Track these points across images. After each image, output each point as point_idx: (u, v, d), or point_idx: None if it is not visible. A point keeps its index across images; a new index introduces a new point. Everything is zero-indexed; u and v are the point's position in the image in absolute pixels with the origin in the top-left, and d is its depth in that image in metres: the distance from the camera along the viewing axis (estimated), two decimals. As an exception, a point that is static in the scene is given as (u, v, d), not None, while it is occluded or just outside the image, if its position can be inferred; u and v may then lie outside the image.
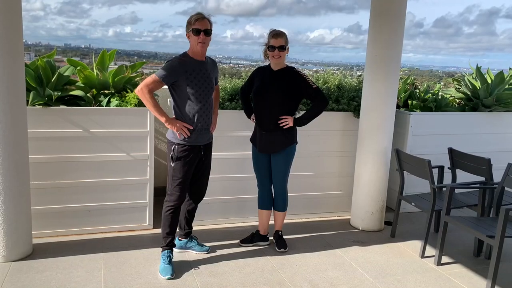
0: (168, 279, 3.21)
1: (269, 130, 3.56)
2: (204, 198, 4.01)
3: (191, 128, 3.22)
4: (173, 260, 3.36)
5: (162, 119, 3.20)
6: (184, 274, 3.31)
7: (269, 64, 3.60)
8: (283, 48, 3.45)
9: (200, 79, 3.18)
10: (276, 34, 3.47)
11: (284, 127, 3.53)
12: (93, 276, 3.19)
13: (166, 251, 3.35)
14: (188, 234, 3.66)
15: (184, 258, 3.56)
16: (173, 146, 3.24)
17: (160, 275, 3.25)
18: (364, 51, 4.20)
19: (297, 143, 3.67)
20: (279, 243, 3.80)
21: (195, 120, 3.22)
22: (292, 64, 3.71)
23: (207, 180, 3.52)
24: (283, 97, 3.50)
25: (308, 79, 3.52)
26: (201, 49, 3.17)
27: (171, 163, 3.27)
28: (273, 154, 3.62)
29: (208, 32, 3.17)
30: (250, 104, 3.74)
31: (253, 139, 3.73)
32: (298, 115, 3.66)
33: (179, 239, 3.65)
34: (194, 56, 3.21)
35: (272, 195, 3.78)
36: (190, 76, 3.14)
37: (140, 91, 3.13)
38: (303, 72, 3.58)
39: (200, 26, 3.13)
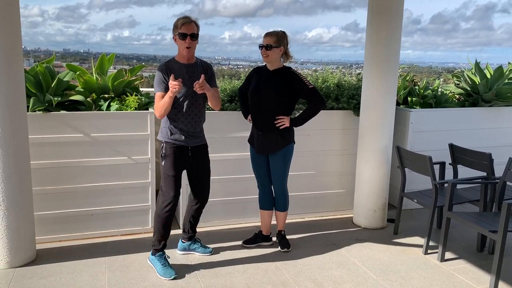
0: (173, 278, 3.21)
1: (265, 130, 3.56)
2: (206, 200, 4.02)
3: (178, 81, 3.03)
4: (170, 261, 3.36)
5: (170, 95, 3.04)
6: (188, 275, 3.31)
7: (266, 64, 3.60)
8: (269, 47, 3.44)
9: (186, 82, 3.15)
10: (266, 33, 3.49)
11: (281, 128, 3.53)
12: (98, 280, 3.20)
13: (161, 252, 3.33)
14: (192, 237, 3.67)
15: (187, 260, 3.56)
16: (162, 144, 3.27)
17: (162, 277, 3.24)
18: (363, 49, 4.21)
19: (294, 142, 3.67)
20: (282, 243, 3.81)
21: (180, 122, 3.22)
22: (291, 63, 3.71)
23: (207, 180, 3.50)
24: (278, 97, 3.49)
25: (304, 79, 3.52)
26: (187, 54, 3.17)
27: (162, 162, 3.27)
28: (270, 154, 3.62)
29: (194, 36, 3.15)
30: (248, 105, 3.74)
31: (250, 140, 3.73)
32: (297, 114, 3.66)
33: (182, 242, 3.66)
34: (181, 59, 3.22)
35: (273, 195, 3.78)
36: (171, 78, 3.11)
37: (155, 113, 3.19)
38: (299, 72, 3.57)
39: (186, 31, 3.11)
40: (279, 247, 3.80)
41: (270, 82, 3.51)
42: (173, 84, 3.01)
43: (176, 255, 3.62)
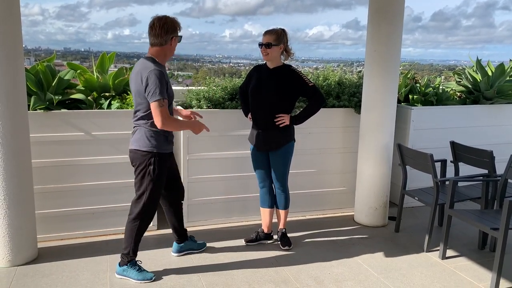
0: (154, 280, 3.17)
1: (265, 128, 3.55)
2: (207, 198, 4.04)
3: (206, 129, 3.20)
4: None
5: (190, 128, 3.14)
6: (190, 274, 3.32)
7: (266, 62, 3.59)
8: (269, 45, 3.42)
9: (170, 85, 3.06)
10: (265, 31, 3.47)
11: (281, 126, 3.53)
12: (99, 279, 3.21)
13: (133, 260, 3.21)
14: (186, 236, 3.59)
15: (188, 258, 3.56)
16: (152, 157, 3.02)
17: (141, 281, 3.15)
18: (364, 47, 4.20)
19: (294, 141, 3.67)
20: (283, 241, 3.81)
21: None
22: (292, 61, 3.71)
23: (179, 175, 3.47)
24: (278, 95, 3.49)
25: (304, 77, 3.51)
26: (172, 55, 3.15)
27: (150, 177, 3.03)
28: (271, 152, 3.62)
29: None
30: (248, 103, 3.73)
31: (251, 138, 3.72)
32: (297, 112, 3.66)
33: (177, 243, 3.58)
34: (162, 62, 3.07)
35: (273, 194, 3.78)
36: (168, 84, 3.01)
37: (164, 125, 2.91)
38: (299, 70, 3.56)
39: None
40: (280, 245, 3.80)
41: (270, 80, 3.50)
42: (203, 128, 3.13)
43: (172, 257, 3.60)
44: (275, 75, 3.50)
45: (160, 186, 3.13)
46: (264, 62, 3.61)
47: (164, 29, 2.98)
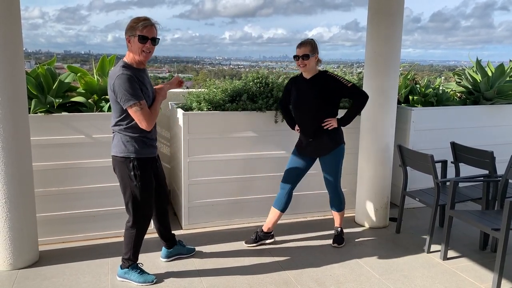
0: (155, 282, 3.18)
1: (314, 137, 3.62)
2: (208, 200, 4.03)
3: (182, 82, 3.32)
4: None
5: (160, 100, 3.03)
6: (191, 276, 3.32)
7: (301, 73, 3.63)
8: (307, 56, 3.48)
9: (148, 88, 2.97)
10: (300, 43, 3.53)
11: (329, 129, 3.58)
12: (100, 281, 3.21)
13: (135, 264, 3.20)
14: (174, 241, 3.56)
15: (189, 260, 3.56)
16: (131, 163, 2.96)
17: (143, 284, 3.15)
18: (363, 48, 4.21)
19: (344, 143, 3.72)
20: (335, 238, 3.91)
21: (149, 133, 3.02)
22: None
23: (166, 182, 3.42)
24: (321, 104, 3.55)
25: (341, 79, 3.57)
26: (144, 59, 2.91)
27: (134, 183, 2.98)
28: (321, 158, 3.70)
29: (155, 41, 2.91)
30: (292, 115, 3.79)
31: (299, 147, 3.76)
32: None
33: (166, 248, 3.54)
34: (135, 64, 2.92)
35: (290, 199, 3.79)
36: (143, 87, 2.91)
37: (149, 125, 2.88)
38: (336, 74, 3.62)
39: (148, 34, 2.84)
40: (331, 242, 3.90)
41: (311, 90, 3.56)
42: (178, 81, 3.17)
43: (160, 263, 3.62)
44: (314, 84, 3.56)
45: (145, 191, 3.03)
46: (300, 73, 3.66)
47: (125, 30, 2.92)
